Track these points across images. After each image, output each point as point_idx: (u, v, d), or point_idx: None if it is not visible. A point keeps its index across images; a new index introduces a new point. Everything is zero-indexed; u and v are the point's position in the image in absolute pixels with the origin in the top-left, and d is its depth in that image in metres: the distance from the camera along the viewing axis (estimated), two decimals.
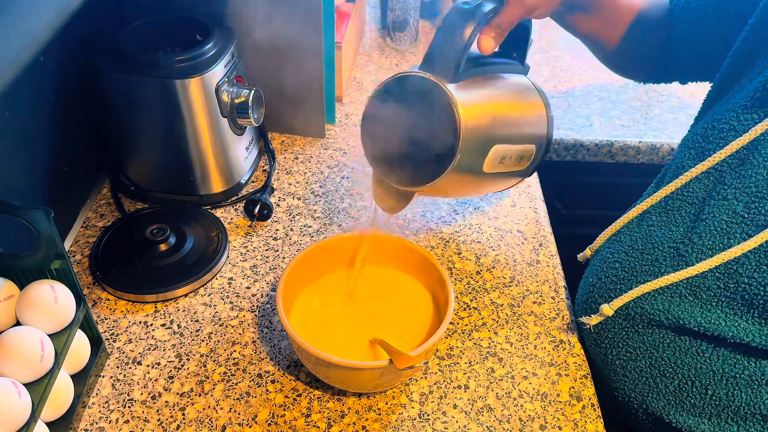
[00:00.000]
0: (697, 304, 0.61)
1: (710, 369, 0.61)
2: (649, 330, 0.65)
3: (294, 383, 0.68)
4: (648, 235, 0.66)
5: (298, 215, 0.89)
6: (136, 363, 0.70)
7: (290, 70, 0.94)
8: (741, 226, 0.57)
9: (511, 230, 0.88)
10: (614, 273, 0.68)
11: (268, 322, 0.74)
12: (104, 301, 0.76)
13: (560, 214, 1.17)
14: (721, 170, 0.60)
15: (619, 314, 0.66)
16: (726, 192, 0.59)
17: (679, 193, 0.63)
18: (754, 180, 0.57)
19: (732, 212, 0.58)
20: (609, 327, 0.68)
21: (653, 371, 0.65)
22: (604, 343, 0.69)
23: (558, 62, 1.25)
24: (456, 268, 0.82)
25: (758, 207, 0.56)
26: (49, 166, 0.79)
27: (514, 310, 0.77)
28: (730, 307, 0.59)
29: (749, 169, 0.57)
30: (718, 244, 0.59)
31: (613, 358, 0.68)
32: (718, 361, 0.61)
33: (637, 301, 0.64)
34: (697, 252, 0.60)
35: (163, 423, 0.65)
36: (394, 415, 0.66)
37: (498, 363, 0.71)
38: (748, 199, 0.57)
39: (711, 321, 0.60)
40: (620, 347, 0.67)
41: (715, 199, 0.59)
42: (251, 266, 0.81)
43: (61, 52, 0.79)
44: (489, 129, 0.65)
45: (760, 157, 0.56)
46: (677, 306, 0.62)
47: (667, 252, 0.63)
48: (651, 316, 0.64)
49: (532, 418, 0.66)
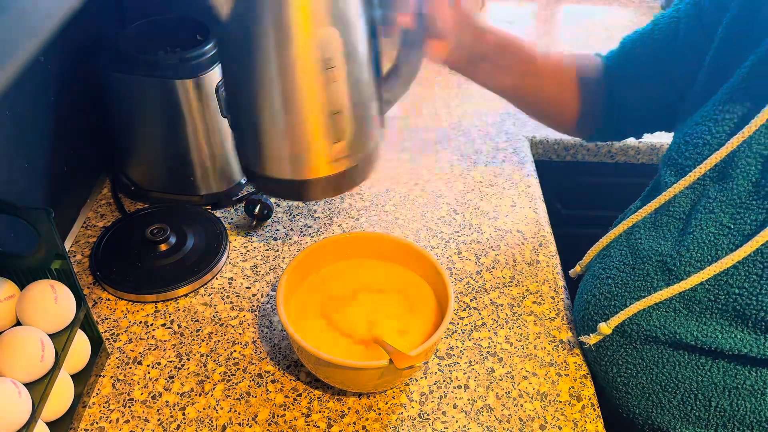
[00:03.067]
0: (691, 318, 0.60)
1: (711, 381, 0.61)
2: (647, 346, 0.64)
3: (294, 383, 0.68)
4: (636, 249, 0.65)
5: (298, 215, 0.89)
6: (137, 363, 0.70)
7: None
8: (728, 237, 0.57)
9: (511, 230, 0.88)
10: (608, 289, 0.68)
11: (268, 322, 0.75)
12: (104, 301, 0.76)
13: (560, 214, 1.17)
14: (704, 184, 0.60)
15: (617, 332, 0.66)
16: (711, 205, 0.59)
17: (665, 208, 0.63)
18: (736, 192, 0.57)
19: (719, 224, 0.58)
20: (608, 345, 0.67)
21: (655, 387, 0.64)
22: (603, 361, 0.68)
23: None
24: (456, 268, 0.82)
25: (744, 218, 0.57)
26: (49, 166, 0.79)
27: (514, 310, 0.77)
28: (724, 318, 0.58)
29: (730, 182, 0.57)
30: (707, 257, 0.59)
31: (614, 376, 0.67)
32: (718, 373, 0.60)
33: (632, 318, 0.64)
34: (686, 265, 0.60)
35: (164, 423, 0.65)
36: (394, 415, 0.66)
37: (498, 363, 0.71)
38: (734, 211, 0.57)
39: (707, 334, 0.59)
40: (620, 364, 0.67)
41: (701, 213, 0.59)
42: (251, 266, 0.81)
43: (62, 52, 0.79)
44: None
45: (739, 169, 0.57)
46: (672, 321, 0.61)
47: (657, 266, 0.63)
48: (648, 332, 0.63)
49: (532, 417, 0.66)
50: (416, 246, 0.72)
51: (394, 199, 0.92)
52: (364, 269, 0.74)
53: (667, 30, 0.71)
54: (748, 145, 0.56)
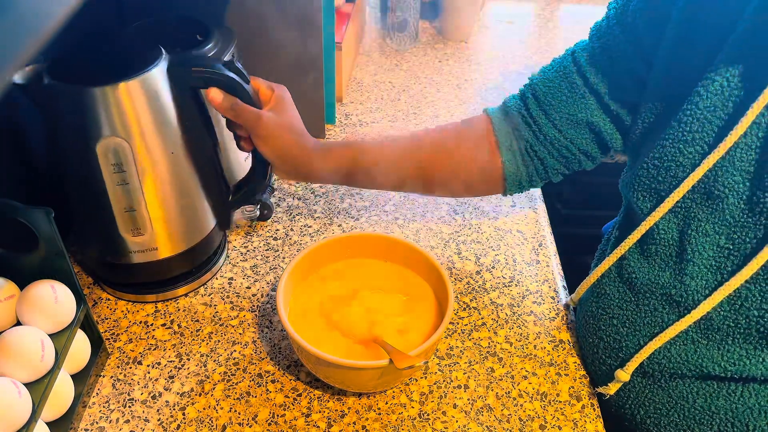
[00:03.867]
0: (713, 347, 0.58)
1: (746, 406, 0.58)
2: (672, 383, 0.61)
3: (294, 383, 0.68)
4: (632, 283, 0.63)
5: (298, 215, 0.89)
6: (137, 363, 0.70)
7: (290, 70, 0.94)
8: (730, 258, 0.55)
9: (511, 230, 0.88)
10: (614, 330, 0.65)
11: (268, 322, 0.75)
12: (104, 300, 0.76)
13: (560, 214, 1.17)
14: (687, 207, 0.57)
15: (637, 373, 0.63)
16: (705, 227, 0.56)
17: (650, 236, 0.60)
18: (729, 212, 0.54)
19: (717, 246, 0.56)
20: (629, 388, 0.65)
21: (689, 422, 0.61)
22: (628, 404, 0.65)
23: None
24: (456, 268, 0.82)
25: (741, 236, 0.54)
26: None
27: (514, 309, 0.77)
28: (748, 342, 0.56)
29: (720, 202, 0.55)
30: (712, 282, 0.56)
31: (642, 418, 0.64)
32: (751, 398, 0.58)
33: (650, 357, 0.61)
34: (692, 293, 0.57)
35: (164, 423, 0.65)
36: (394, 414, 0.66)
37: (498, 363, 0.71)
38: (729, 231, 0.55)
39: (734, 362, 0.57)
40: (647, 406, 0.64)
41: (695, 237, 0.57)
42: (251, 266, 0.81)
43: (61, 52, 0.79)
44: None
45: (726, 189, 0.54)
46: (693, 353, 0.59)
47: (661, 299, 0.60)
48: (671, 369, 0.60)
49: (531, 417, 0.66)
50: (416, 246, 0.72)
51: (394, 199, 0.92)
52: (364, 269, 0.74)
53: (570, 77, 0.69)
54: (731, 162, 0.53)
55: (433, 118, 1.09)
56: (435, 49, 1.30)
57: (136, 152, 0.65)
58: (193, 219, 0.74)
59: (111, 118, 0.63)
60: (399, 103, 1.12)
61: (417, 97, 1.14)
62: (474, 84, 1.19)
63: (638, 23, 0.63)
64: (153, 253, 0.72)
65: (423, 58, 1.27)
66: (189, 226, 0.74)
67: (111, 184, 0.66)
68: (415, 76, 1.21)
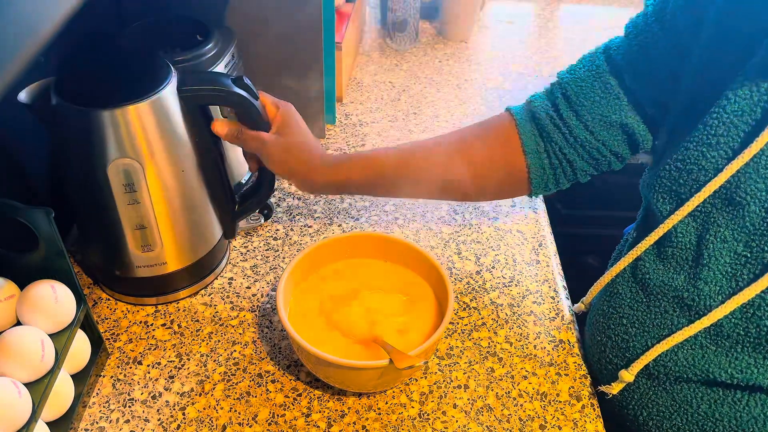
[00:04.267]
0: (721, 353, 0.57)
1: (751, 415, 0.58)
2: (677, 386, 0.61)
3: (294, 383, 0.68)
4: (646, 285, 0.62)
5: (298, 215, 0.89)
6: (137, 363, 0.70)
7: (290, 70, 0.94)
8: (746, 266, 0.54)
9: (511, 230, 0.88)
10: (623, 330, 0.64)
11: (268, 322, 0.75)
12: (104, 300, 0.76)
13: (560, 214, 1.17)
14: (707, 212, 0.56)
15: (642, 375, 0.63)
16: (723, 233, 0.55)
17: (667, 239, 0.59)
18: (749, 219, 0.53)
19: (734, 253, 0.55)
20: (634, 389, 0.64)
21: (692, 427, 0.61)
22: (631, 406, 0.65)
23: (557, 62, 1.25)
24: (456, 268, 0.82)
25: (760, 245, 0.53)
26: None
27: (514, 309, 0.77)
28: (757, 351, 0.55)
29: (740, 209, 0.54)
30: (727, 289, 0.55)
31: (645, 420, 0.64)
32: (757, 407, 0.57)
33: (657, 359, 0.61)
34: (706, 299, 0.57)
35: (164, 422, 0.65)
36: (394, 414, 0.66)
37: (498, 363, 0.71)
38: (748, 238, 0.54)
39: (741, 370, 0.56)
40: (650, 408, 0.63)
41: (713, 242, 0.56)
42: (251, 266, 0.81)
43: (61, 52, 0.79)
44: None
45: (748, 195, 0.53)
46: (701, 358, 0.58)
47: (673, 302, 0.60)
48: (676, 373, 0.60)
49: (531, 417, 0.66)
50: (416, 246, 0.72)
51: (394, 199, 0.92)
52: (364, 269, 0.74)
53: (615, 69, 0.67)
54: (755, 169, 0.52)
55: (433, 118, 1.09)
56: (435, 49, 1.30)
57: (147, 172, 0.65)
58: (202, 232, 0.74)
59: (121, 139, 0.63)
60: (399, 103, 1.12)
61: (417, 97, 1.14)
62: (474, 84, 1.19)
63: (678, 20, 0.61)
64: (161, 267, 0.72)
65: (423, 58, 1.27)
66: (197, 239, 0.74)
67: (122, 203, 0.66)
68: (415, 76, 1.21)
